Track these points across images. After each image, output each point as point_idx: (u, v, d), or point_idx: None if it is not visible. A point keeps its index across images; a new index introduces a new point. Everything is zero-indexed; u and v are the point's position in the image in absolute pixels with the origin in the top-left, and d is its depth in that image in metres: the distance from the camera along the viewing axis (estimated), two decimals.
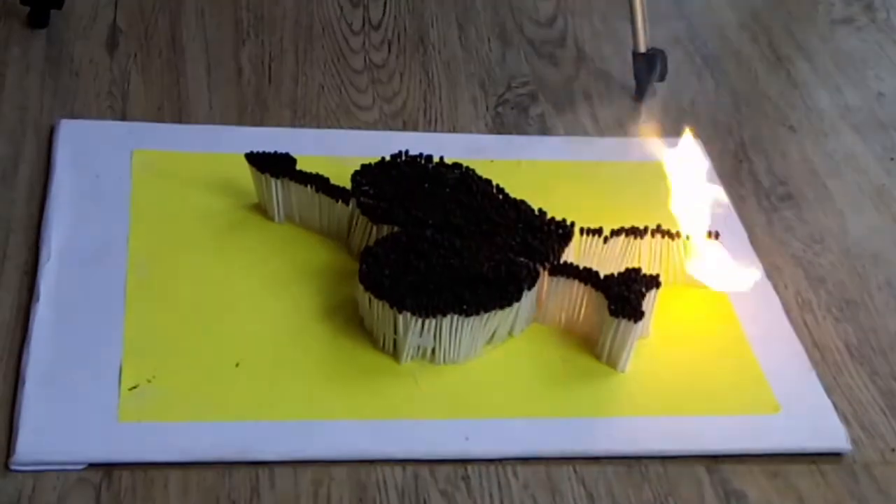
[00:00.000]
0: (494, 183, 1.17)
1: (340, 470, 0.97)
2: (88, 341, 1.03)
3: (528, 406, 1.03)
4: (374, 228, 1.12)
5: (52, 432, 0.95)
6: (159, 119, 1.28)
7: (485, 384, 1.04)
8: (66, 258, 1.09)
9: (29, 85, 1.30)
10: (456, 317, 1.03)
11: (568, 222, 1.13)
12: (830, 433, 1.04)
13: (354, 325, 1.07)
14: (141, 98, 1.30)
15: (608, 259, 1.12)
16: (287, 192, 1.16)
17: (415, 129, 1.32)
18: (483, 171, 1.18)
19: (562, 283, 1.08)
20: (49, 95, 1.29)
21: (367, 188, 1.14)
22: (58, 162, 1.19)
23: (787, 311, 1.15)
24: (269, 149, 1.17)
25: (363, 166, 1.17)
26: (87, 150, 1.22)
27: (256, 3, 1.46)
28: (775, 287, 1.17)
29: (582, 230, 1.13)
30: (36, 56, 1.34)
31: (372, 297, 1.04)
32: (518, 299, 1.06)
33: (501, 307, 1.05)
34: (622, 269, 1.09)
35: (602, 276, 1.08)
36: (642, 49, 1.38)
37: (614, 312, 1.05)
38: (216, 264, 1.12)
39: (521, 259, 1.08)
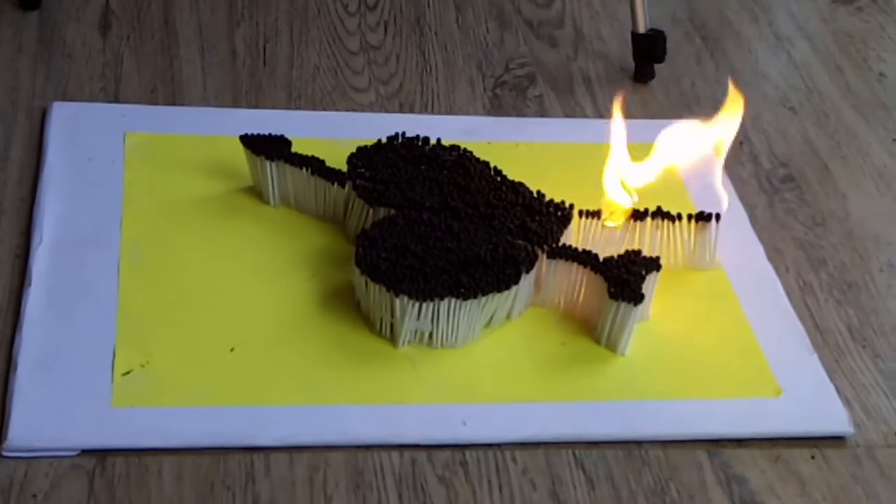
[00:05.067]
0: (492, 165, 1.16)
1: (337, 455, 0.96)
2: (81, 326, 1.01)
3: (527, 390, 1.02)
4: (371, 211, 1.11)
5: (44, 418, 0.94)
6: (153, 101, 1.27)
7: (483, 368, 1.03)
8: (58, 242, 1.08)
9: (21, 67, 1.29)
10: (453, 300, 1.02)
11: (567, 204, 1.12)
12: (833, 416, 1.03)
13: (351, 309, 1.06)
14: (134, 80, 1.29)
15: (608, 241, 1.11)
16: (282, 175, 1.14)
17: (411, 110, 1.30)
18: (480, 153, 1.17)
19: (560, 265, 1.07)
20: (41, 77, 1.28)
21: (363, 170, 1.13)
22: (50, 144, 1.18)
23: (789, 294, 1.13)
24: (264, 131, 1.15)
25: (359, 148, 1.15)
26: (80, 132, 1.20)
27: None
28: (776, 269, 1.16)
29: (581, 212, 1.12)
30: (28, 38, 1.33)
31: (368, 281, 1.03)
32: (516, 282, 1.05)
33: (499, 290, 1.04)
34: (622, 252, 1.08)
35: (601, 258, 1.07)
36: (641, 29, 1.37)
37: (614, 295, 1.04)
38: (210, 248, 1.11)
39: (520, 242, 1.07)
